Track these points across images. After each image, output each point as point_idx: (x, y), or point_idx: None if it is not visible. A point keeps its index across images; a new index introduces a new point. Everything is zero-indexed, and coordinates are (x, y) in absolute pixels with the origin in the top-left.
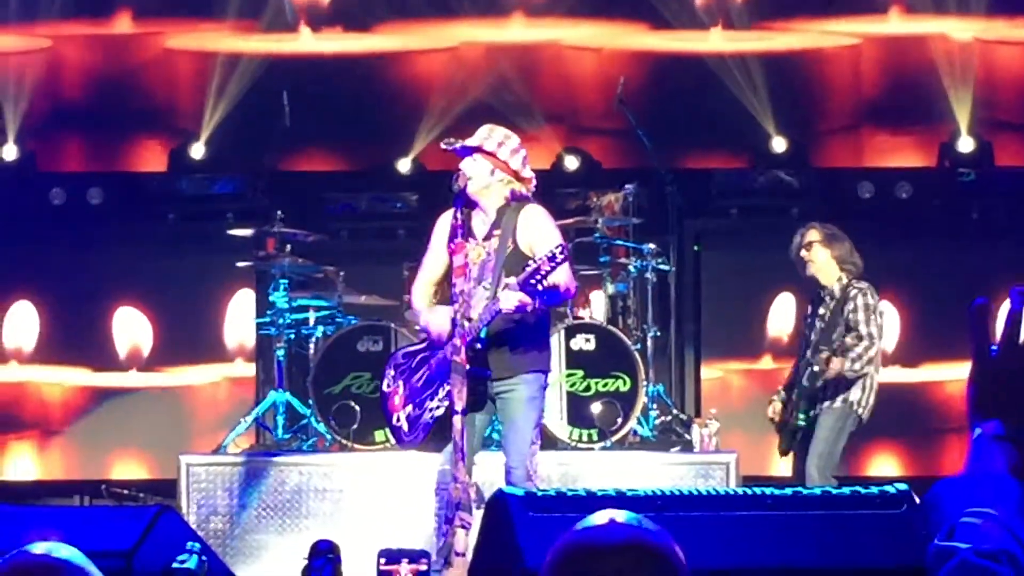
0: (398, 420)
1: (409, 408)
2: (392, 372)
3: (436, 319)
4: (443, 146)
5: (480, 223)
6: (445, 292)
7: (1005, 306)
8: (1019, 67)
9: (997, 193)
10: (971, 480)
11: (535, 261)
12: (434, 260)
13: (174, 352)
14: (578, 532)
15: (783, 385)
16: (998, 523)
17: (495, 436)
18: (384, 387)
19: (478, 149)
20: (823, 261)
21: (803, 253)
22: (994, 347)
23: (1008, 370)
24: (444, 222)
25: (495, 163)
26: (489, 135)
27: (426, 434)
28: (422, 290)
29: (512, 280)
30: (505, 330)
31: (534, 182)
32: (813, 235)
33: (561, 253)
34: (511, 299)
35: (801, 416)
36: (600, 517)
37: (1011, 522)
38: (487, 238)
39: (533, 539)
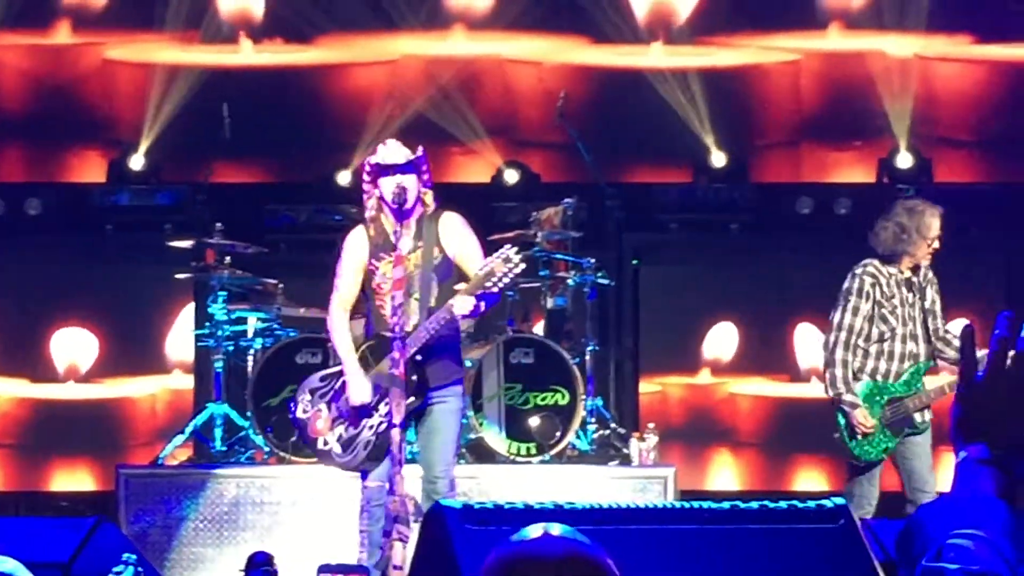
0: (326, 444)
1: (340, 429)
2: (308, 396)
3: (357, 390)
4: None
5: (405, 236)
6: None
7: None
8: (958, 83)
9: None
10: (958, 502)
11: (487, 264)
12: (353, 281)
13: (112, 363)
14: (514, 545)
15: (838, 383)
16: (986, 544)
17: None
18: (299, 413)
19: (415, 166)
20: None
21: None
22: (980, 371)
23: (993, 393)
24: (359, 240)
25: (422, 177)
26: (414, 150)
27: (367, 452)
28: (342, 315)
29: (462, 286)
30: (440, 340)
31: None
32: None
33: (516, 254)
34: (467, 304)
35: (926, 417)
36: (534, 530)
37: (999, 544)
38: (413, 250)
39: (470, 552)
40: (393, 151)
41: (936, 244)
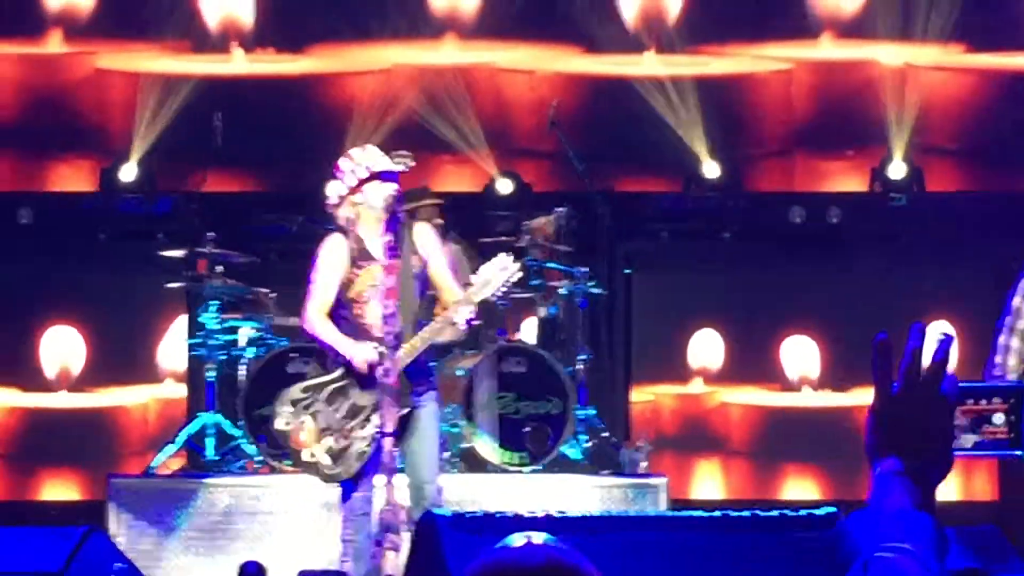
0: (312, 456)
1: (329, 441)
2: (289, 408)
3: (362, 352)
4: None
5: (380, 244)
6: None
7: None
8: (951, 93)
9: (927, 218)
10: (882, 515)
11: (485, 272)
12: (334, 288)
13: (104, 372)
14: (496, 553)
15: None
16: (913, 558)
17: None
18: (281, 425)
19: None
20: None
21: None
22: (895, 383)
23: (907, 406)
24: (340, 248)
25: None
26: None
27: (361, 463)
28: (324, 318)
29: (461, 295)
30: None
31: None
32: None
33: (513, 261)
34: (467, 313)
35: None
36: (517, 539)
37: (925, 558)
38: (397, 257)
39: (462, 561)
40: (384, 158)
41: None
